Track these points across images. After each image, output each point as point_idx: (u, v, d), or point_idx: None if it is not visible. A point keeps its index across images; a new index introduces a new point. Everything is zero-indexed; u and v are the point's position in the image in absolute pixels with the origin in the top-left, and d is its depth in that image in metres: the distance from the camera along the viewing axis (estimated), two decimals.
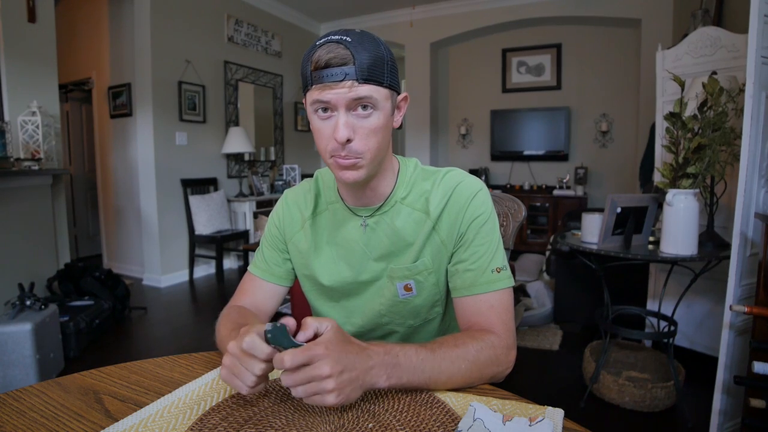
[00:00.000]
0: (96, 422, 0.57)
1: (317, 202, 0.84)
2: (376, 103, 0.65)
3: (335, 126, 0.64)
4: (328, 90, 0.62)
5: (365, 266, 0.80)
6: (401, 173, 0.79)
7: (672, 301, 2.06)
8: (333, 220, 0.81)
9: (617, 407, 1.84)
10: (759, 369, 1.17)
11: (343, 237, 0.80)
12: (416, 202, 0.78)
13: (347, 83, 0.62)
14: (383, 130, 0.67)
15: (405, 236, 0.77)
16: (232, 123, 4.45)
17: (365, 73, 0.62)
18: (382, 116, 0.66)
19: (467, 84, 5.43)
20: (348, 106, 0.64)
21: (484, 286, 0.73)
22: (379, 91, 0.64)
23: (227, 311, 0.81)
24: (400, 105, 0.72)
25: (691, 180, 1.63)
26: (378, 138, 0.67)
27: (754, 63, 1.33)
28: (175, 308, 3.33)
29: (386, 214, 0.78)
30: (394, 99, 0.69)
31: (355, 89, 0.62)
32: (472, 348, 0.66)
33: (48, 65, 2.86)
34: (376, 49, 0.64)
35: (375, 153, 0.68)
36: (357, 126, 0.65)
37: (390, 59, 0.66)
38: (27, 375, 1.94)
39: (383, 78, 0.65)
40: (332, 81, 0.62)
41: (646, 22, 4.08)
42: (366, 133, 0.66)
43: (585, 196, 4.64)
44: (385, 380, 0.58)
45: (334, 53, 0.62)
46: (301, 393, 0.53)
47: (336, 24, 5.63)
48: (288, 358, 0.52)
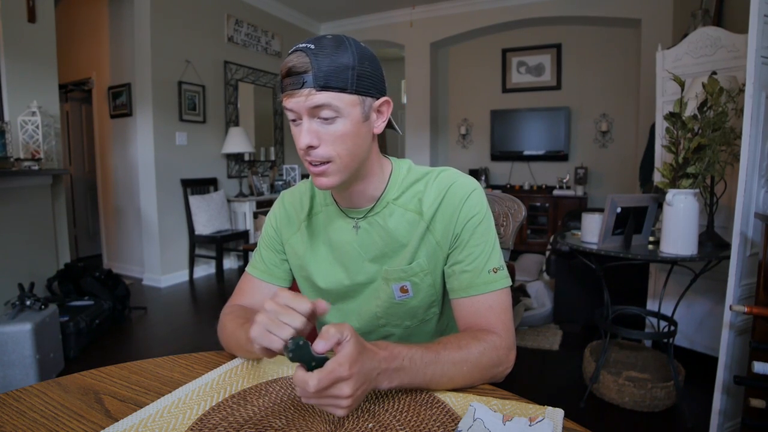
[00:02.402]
0: (96, 422, 0.57)
1: (312, 204, 0.84)
2: (339, 110, 0.64)
3: (300, 132, 0.66)
4: (290, 98, 0.64)
5: (360, 268, 0.79)
6: (393, 175, 0.79)
7: (672, 301, 2.06)
8: (327, 222, 0.81)
9: (617, 407, 1.84)
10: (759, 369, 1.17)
11: (337, 239, 0.80)
12: (409, 202, 0.77)
13: (305, 91, 0.62)
14: (352, 136, 0.67)
15: (398, 237, 0.77)
16: (232, 123, 4.45)
17: (321, 81, 0.62)
18: (348, 122, 0.66)
19: (467, 84, 5.43)
20: (309, 113, 0.64)
21: (482, 287, 0.72)
22: (340, 98, 0.64)
23: (230, 310, 0.81)
24: (381, 109, 0.71)
25: (691, 180, 1.63)
26: (347, 145, 0.67)
27: (753, 63, 1.33)
28: (175, 308, 3.33)
29: (378, 216, 0.77)
30: (367, 105, 0.68)
31: (311, 97, 0.63)
32: (475, 350, 0.66)
33: (48, 65, 2.86)
34: (340, 56, 0.63)
35: (347, 159, 0.68)
36: (321, 132, 0.65)
37: (359, 63, 0.65)
38: (27, 375, 1.94)
39: (346, 84, 0.64)
40: (293, 89, 0.63)
41: (646, 22, 4.08)
42: (331, 139, 0.66)
43: (585, 196, 4.65)
44: (387, 384, 0.58)
45: (296, 61, 0.62)
46: (314, 403, 0.53)
47: (336, 24, 5.63)
48: (313, 384, 0.50)
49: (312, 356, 0.52)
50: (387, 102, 0.71)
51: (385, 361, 0.57)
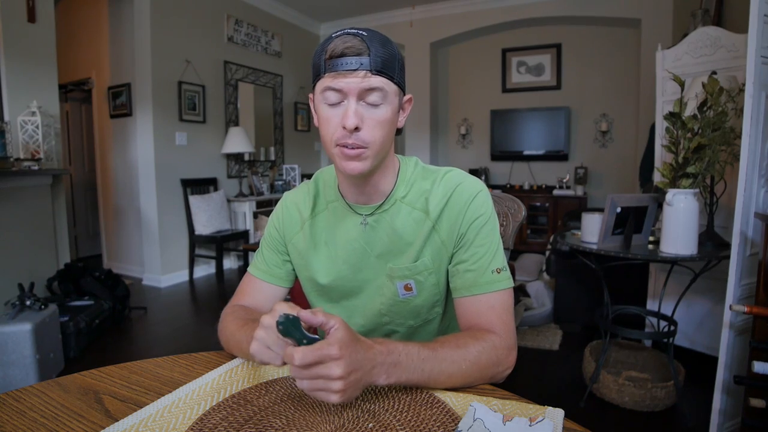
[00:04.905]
0: (96, 422, 0.57)
1: (316, 203, 0.84)
2: (386, 96, 0.67)
3: (344, 113, 0.65)
4: (341, 78, 0.64)
5: (365, 264, 0.80)
6: (401, 172, 0.80)
7: (672, 301, 2.06)
8: (333, 219, 0.82)
9: (617, 407, 1.84)
10: (759, 369, 1.17)
11: (342, 235, 0.80)
12: (416, 201, 0.78)
13: (361, 73, 0.64)
14: (389, 123, 0.69)
15: (404, 235, 0.77)
16: (232, 123, 4.45)
17: (379, 65, 0.64)
18: (390, 110, 0.68)
19: (467, 84, 5.43)
20: (359, 95, 0.65)
21: (485, 286, 0.73)
22: (389, 84, 0.67)
23: (231, 310, 0.81)
24: (404, 106, 0.74)
25: (690, 180, 1.63)
26: (384, 131, 0.68)
27: (753, 63, 1.33)
28: (175, 308, 3.32)
29: (386, 213, 0.78)
30: (401, 98, 0.71)
31: (368, 79, 0.64)
32: (473, 349, 0.66)
33: (48, 65, 2.86)
34: (390, 46, 0.67)
35: (380, 145, 0.69)
36: (365, 116, 0.66)
37: (401, 60, 0.69)
38: (27, 375, 1.93)
39: (394, 74, 0.67)
40: (346, 69, 0.64)
41: (646, 22, 4.08)
42: (374, 123, 0.67)
43: (585, 196, 4.64)
44: (384, 379, 0.58)
45: (351, 43, 0.64)
46: (306, 386, 0.53)
47: (336, 24, 5.63)
48: (298, 357, 0.51)
49: (303, 334, 0.54)
50: (410, 100, 0.75)
51: (381, 354, 0.57)
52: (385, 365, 0.58)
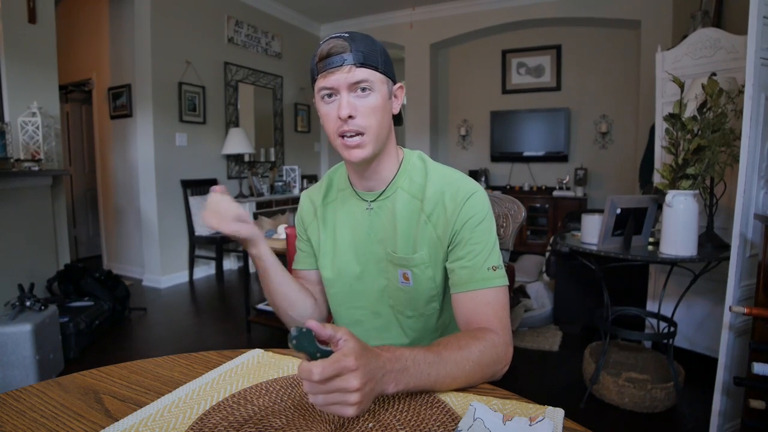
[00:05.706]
0: (96, 422, 0.57)
1: (327, 193, 0.92)
2: (373, 85, 0.74)
3: (339, 105, 0.73)
4: (331, 75, 0.72)
5: (369, 248, 0.85)
6: (404, 162, 0.86)
7: (672, 302, 2.06)
8: (342, 206, 0.89)
9: (617, 408, 1.84)
10: (759, 370, 1.17)
11: (350, 221, 0.87)
12: (415, 191, 0.83)
13: (345, 68, 0.72)
14: (381, 109, 0.76)
15: (403, 222, 0.82)
16: (232, 124, 4.45)
17: (361, 59, 0.72)
18: (380, 97, 0.75)
19: (467, 85, 5.43)
20: (349, 88, 0.73)
21: (480, 282, 0.75)
22: (374, 74, 0.74)
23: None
24: (396, 93, 0.81)
25: (690, 181, 1.63)
26: (378, 116, 0.75)
27: (753, 64, 1.33)
28: (175, 309, 3.32)
29: (388, 199, 0.84)
30: (390, 86, 0.78)
31: (353, 72, 0.72)
32: (475, 349, 0.66)
33: (48, 66, 2.87)
34: (370, 42, 0.75)
35: (377, 130, 0.76)
36: (358, 105, 0.74)
37: (383, 51, 0.77)
38: (27, 376, 1.93)
39: (378, 64, 0.75)
40: (333, 67, 0.72)
41: (645, 24, 4.09)
42: (366, 110, 0.74)
43: (585, 197, 4.65)
44: (393, 387, 0.57)
45: (334, 44, 0.72)
46: (320, 401, 0.51)
47: (336, 25, 5.64)
48: (317, 371, 0.49)
49: (317, 347, 0.52)
50: (401, 87, 0.82)
51: (389, 361, 0.57)
52: (394, 372, 0.57)
